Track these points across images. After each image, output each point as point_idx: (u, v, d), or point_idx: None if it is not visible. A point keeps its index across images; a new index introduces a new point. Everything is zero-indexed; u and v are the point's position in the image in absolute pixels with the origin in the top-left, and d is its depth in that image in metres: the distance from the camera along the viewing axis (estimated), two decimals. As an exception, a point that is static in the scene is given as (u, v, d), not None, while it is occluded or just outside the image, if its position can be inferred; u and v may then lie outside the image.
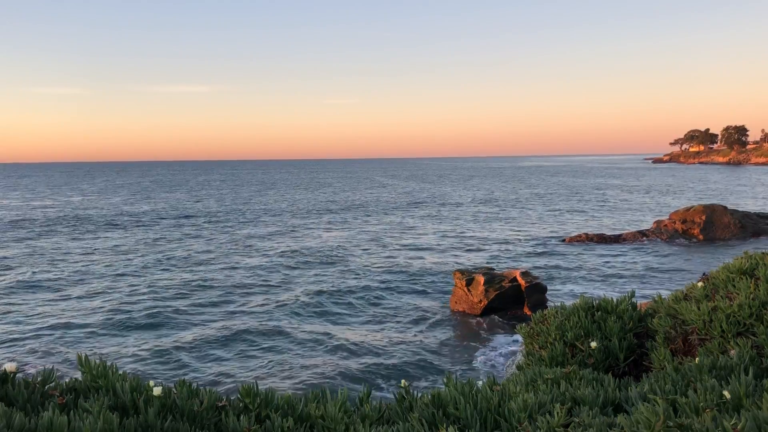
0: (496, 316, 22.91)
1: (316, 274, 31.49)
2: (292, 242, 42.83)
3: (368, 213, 64.08)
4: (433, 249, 39.47)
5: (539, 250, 38.39)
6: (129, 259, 36.12)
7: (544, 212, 61.93)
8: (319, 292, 27.43)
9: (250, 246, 41.26)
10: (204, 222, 56.58)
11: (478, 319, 22.83)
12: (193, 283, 29.33)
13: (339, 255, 37.38)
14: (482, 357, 18.91)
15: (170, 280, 30.28)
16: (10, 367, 2.60)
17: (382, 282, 29.61)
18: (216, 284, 29.18)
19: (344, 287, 28.48)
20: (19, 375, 2.63)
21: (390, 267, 33.40)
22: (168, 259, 36.37)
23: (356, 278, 30.48)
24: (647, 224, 47.71)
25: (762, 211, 48.58)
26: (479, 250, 39.27)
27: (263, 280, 30.10)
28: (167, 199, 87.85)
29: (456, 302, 24.15)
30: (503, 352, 19.06)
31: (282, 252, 38.53)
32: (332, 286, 28.65)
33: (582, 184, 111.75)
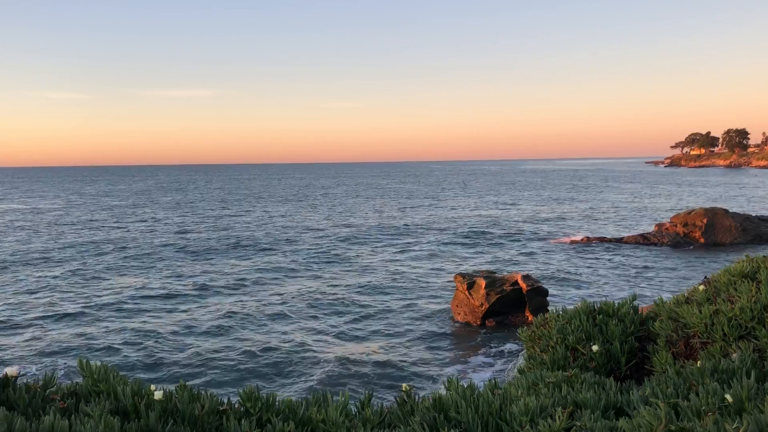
0: (497, 320, 22.88)
1: (315, 279, 31.49)
2: (289, 247, 42.83)
3: (367, 215, 64.08)
4: (433, 252, 39.45)
5: (541, 254, 38.37)
6: (129, 264, 36.14)
7: (545, 215, 61.91)
8: (319, 297, 27.44)
9: (246, 253, 41.27)
10: (204, 229, 56.63)
11: (479, 322, 22.80)
12: (192, 288, 29.35)
13: (338, 258, 37.38)
14: (483, 360, 18.89)
15: (168, 285, 30.29)
16: (11, 371, 2.60)
17: (383, 285, 29.60)
18: (215, 289, 29.20)
19: (344, 291, 28.48)
20: (20, 379, 2.63)
21: (390, 270, 33.39)
22: (166, 265, 36.40)
23: (356, 282, 30.47)
24: (648, 227, 47.69)
25: (763, 214, 48.53)
26: (480, 253, 39.25)
27: (261, 286, 30.11)
28: (167, 204, 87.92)
29: (457, 306, 24.12)
30: (504, 356, 19.04)
31: (279, 257, 38.55)
32: (331, 290, 28.66)
33: (583, 187, 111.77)
